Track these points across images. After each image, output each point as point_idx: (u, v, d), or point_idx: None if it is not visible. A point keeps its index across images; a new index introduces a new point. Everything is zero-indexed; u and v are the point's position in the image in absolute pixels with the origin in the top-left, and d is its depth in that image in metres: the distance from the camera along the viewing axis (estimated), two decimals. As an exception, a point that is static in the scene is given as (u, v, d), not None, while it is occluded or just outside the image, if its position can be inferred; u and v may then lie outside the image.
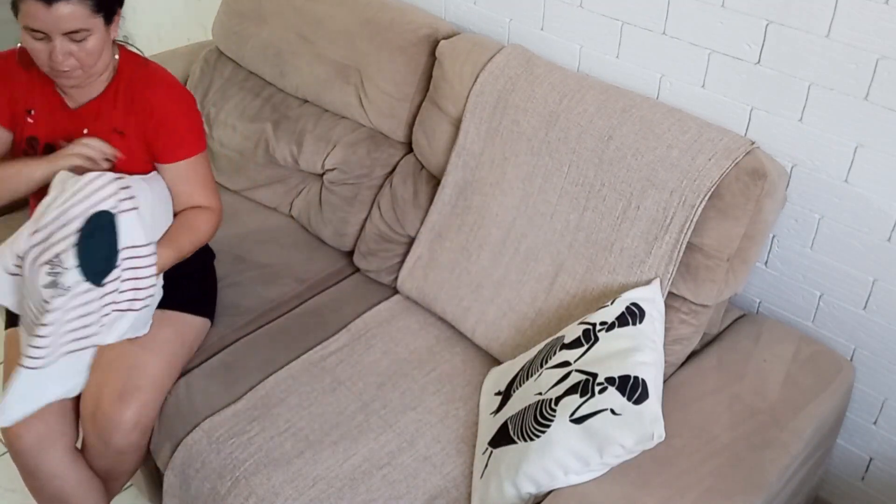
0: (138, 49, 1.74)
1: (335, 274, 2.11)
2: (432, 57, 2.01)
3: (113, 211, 1.55)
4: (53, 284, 1.52)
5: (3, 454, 2.19)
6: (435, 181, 1.99)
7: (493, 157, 1.84)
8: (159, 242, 1.66)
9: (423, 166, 2.04)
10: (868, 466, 1.88)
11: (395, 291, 2.03)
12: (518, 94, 1.80)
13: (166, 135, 1.68)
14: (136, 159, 1.69)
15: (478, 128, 1.86)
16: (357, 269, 2.12)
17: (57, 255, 1.53)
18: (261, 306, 1.97)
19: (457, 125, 1.91)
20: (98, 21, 1.53)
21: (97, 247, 1.54)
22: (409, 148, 2.11)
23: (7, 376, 1.68)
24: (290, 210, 2.25)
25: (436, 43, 2.01)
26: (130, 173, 1.67)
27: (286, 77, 2.27)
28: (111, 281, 1.56)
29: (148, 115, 1.66)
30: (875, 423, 1.83)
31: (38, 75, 1.65)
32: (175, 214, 1.74)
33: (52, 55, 1.52)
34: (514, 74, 1.83)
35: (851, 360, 1.79)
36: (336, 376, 1.78)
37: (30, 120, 1.67)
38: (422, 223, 1.97)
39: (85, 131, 1.67)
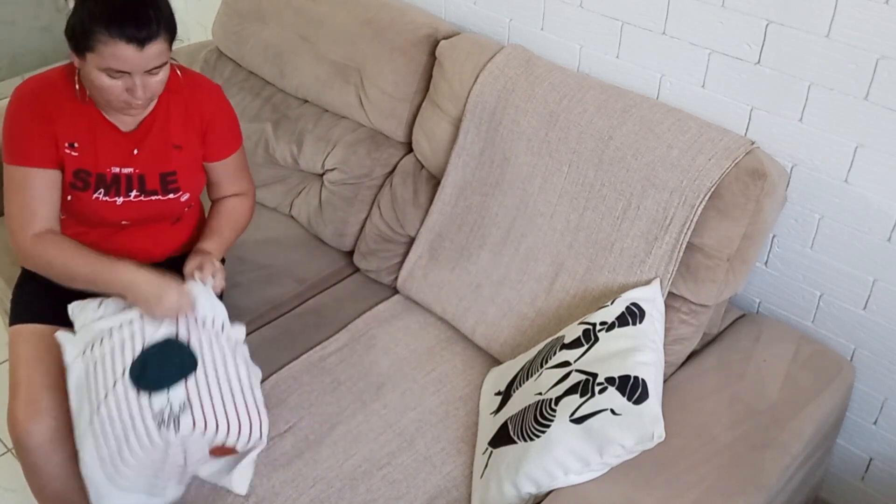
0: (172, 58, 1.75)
1: (335, 274, 2.11)
2: (432, 57, 2.01)
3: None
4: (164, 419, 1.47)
5: (4, 454, 2.19)
6: (435, 181, 1.99)
7: (493, 157, 1.84)
8: (204, 236, 1.71)
9: (423, 166, 2.04)
10: (868, 466, 1.88)
11: (395, 291, 2.03)
12: (518, 94, 1.80)
13: (220, 135, 1.72)
14: (192, 170, 1.70)
15: (478, 128, 1.86)
16: (357, 269, 2.12)
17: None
18: (261, 306, 1.97)
19: (457, 125, 1.91)
20: (170, 51, 1.52)
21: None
22: (409, 148, 2.11)
23: (11, 376, 1.68)
24: (290, 210, 2.25)
25: (436, 43, 2.01)
26: (189, 185, 1.69)
27: (286, 77, 2.27)
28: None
29: (205, 122, 1.69)
30: (875, 423, 1.83)
31: (87, 105, 1.60)
32: (213, 203, 1.80)
33: (131, 91, 1.49)
34: (514, 74, 1.83)
35: (851, 360, 1.79)
36: (336, 376, 1.78)
37: (73, 153, 1.61)
38: (422, 223, 1.97)
39: (135, 152, 1.64)
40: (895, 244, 1.64)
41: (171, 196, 1.68)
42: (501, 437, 1.53)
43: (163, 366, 1.50)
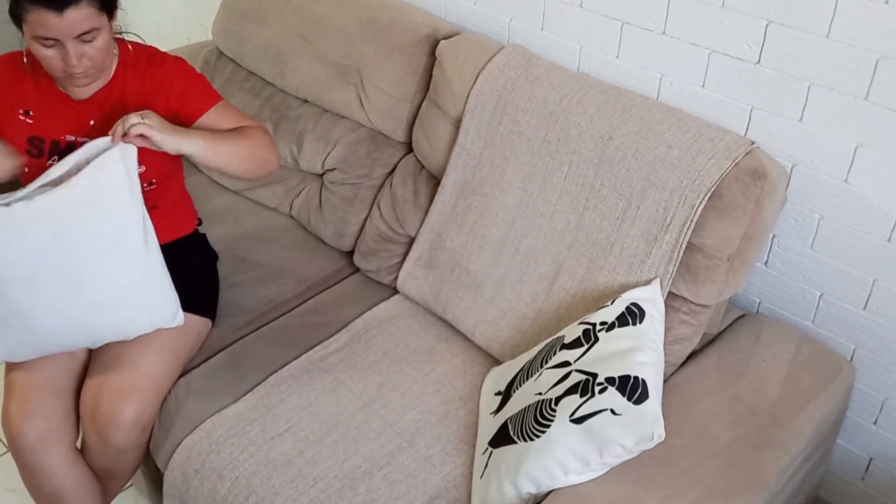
0: (138, 36, 1.76)
1: (335, 274, 2.11)
2: (432, 57, 2.01)
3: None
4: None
5: (4, 454, 2.19)
6: (435, 181, 1.99)
7: (493, 157, 1.84)
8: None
9: (423, 166, 2.04)
10: (868, 466, 1.88)
11: (395, 291, 2.03)
12: (518, 94, 1.80)
13: (190, 97, 1.70)
14: None
15: (478, 128, 1.86)
16: (357, 269, 2.12)
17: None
18: (261, 306, 1.97)
19: (457, 125, 1.91)
20: (104, 18, 1.54)
21: None
22: (409, 148, 2.11)
23: (6, 376, 1.68)
24: (290, 210, 2.25)
25: (436, 43, 2.01)
26: (145, 159, 1.66)
27: (286, 77, 2.27)
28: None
29: (168, 90, 1.68)
30: (875, 423, 1.83)
31: (41, 79, 1.64)
32: None
33: (65, 60, 1.52)
34: (514, 74, 1.83)
35: (851, 360, 1.79)
36: (336, 376, 1.78)
37: (28, 120, 1.66)
38: (422, 223, 1.97)
39: (91, 122, 1.66)
40: (895, 244, 1.64)
41: None
42: (501, 437, 1.53)
43: None
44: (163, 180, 1.75)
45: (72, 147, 1.63)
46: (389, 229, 2.03)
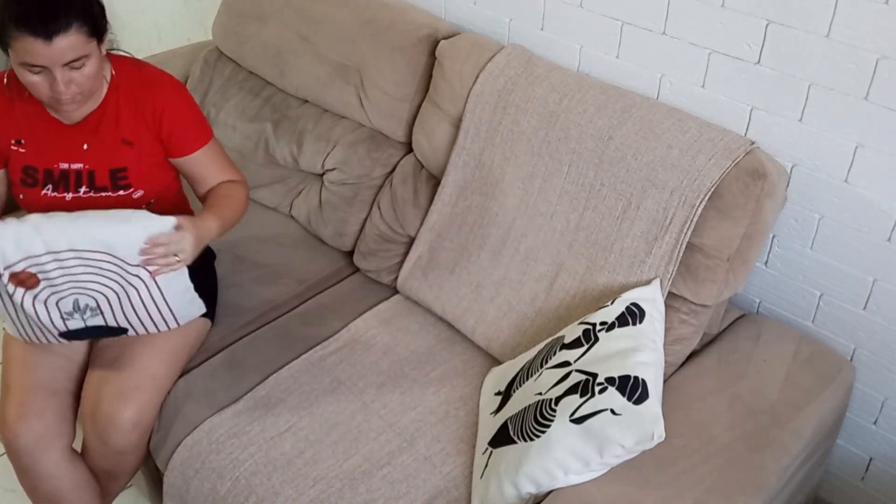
0: (126, 52, 1.73)
1: (335, 274, 2.11)
2: (432, 57, 2.01)
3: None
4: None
5: (3, 455, 2.19)
6: (435, 181, 1.99)
7: (493, 157, 1.84)
8: (204, 211, 1.66)
9: (423, 166, 2.04)
10: (868, 466, 1.88)
11: (395, 291, 2.03)
12: (518, 94, 1.80)
13: (181, 130, 1.69)
14: (147, 166, 1.68)
15: (478, 128, 1.86)
16: (357, 269, 2.12)
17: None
18: (261, 306, 1.97)
19: (457, 125, 1.91)
20: (93, 44, 1.51)
21: None
22: (409, 148, 2.11)
23: (3, 378, 1.68)
24: (290, 210, 2.25)
25: (436, 43, 2.01)
26: (143, 182, 1.67)
27: (286, 77, 2.27)
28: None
29: (159, 118, 1.66)
30: (875, 423, 1.83)
31: (27, 101, 1.61)
32: (206, 195, 1.76)
33: (53, 87, 1.49)
34: (514, 74, 1.83)
35: (851, 360, 1.79)
36: (336, 376, 1.78)
37: (21, 150, 1.63)
38: (422, 223, 1.97)
39: (84, 147, 1.64)
40: (895, 244, 1.64)
41: (121, 192, 1.66)
42: (501, 437, 1.53)
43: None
44: (160, 196, 1.74)
45: (65, 176, 1.63)
46: (389, 229, 2.03)
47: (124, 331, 1.65)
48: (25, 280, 1.50)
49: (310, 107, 2.25)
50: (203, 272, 1.92)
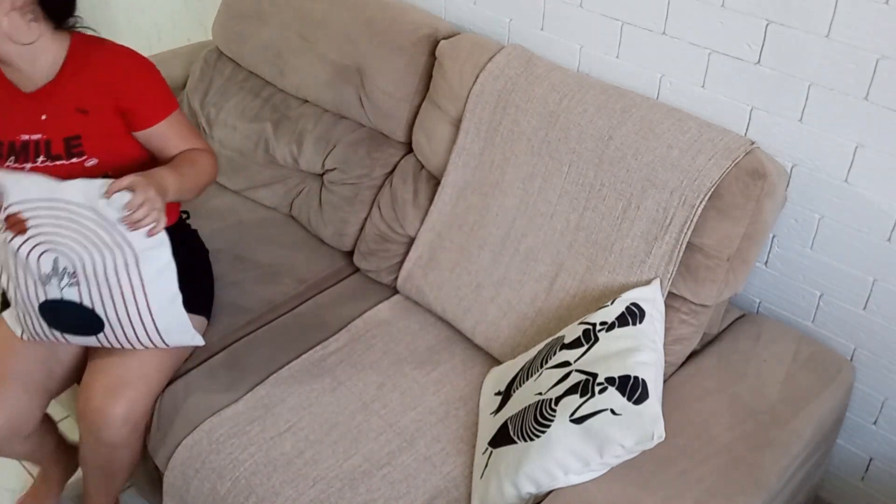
0: (94, 31, 1.73)
1: (335, 274, 2.11)
2: (432, 57, 2.01)
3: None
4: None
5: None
6: (435, 181, 1.99)
7: (493, 157, 1.84)
8: (161, 167, 1.63)
9: (423, 166, 2.04)
10: (868, 466, 1.88)
11: (395, 291, 2.03)
12: (518, 94, 1.80)
13: (143, 102, 1.67)
14: (101, 135, 1.66)
15: (478, 128, 1.86)
16: (357, 269, 2.12)
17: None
18: (261, 306, 1.97)
19: (457, 125, 1.91)
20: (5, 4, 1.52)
21: None
22: (409, 148, 2.11)
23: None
24: (290, 210, 2.25)
25: (436, 43, 2.01)
26: (97, 151, 1.66)
27: (286, 77, 2.27)
28: None
29: (119, 88, 1.65)
30: (875, 423, 1.83)
31: None
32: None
33: None
34: (514, 74, 1.83)
35: (851, 360, 1.79)
36: (336, 376, 1.78)
37: None
38: (422, 223, 1.97)
39: (43, 117, 1.64)
40: (895, 244, 1.64)
41: (74, 160, 1.66)
42: (501, 437, 1.53)
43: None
44: (120, 169, 1.69)
45: (26, 147, 1.64)
46: (389, 229, 2.03)
47: (100, 324, 1.63)
48: (15, 224, 1.54)
49: (310, 107, 2.25)
50: (198, 268, 1.91)
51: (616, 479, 1.45)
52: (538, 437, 1.45)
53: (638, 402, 1.38)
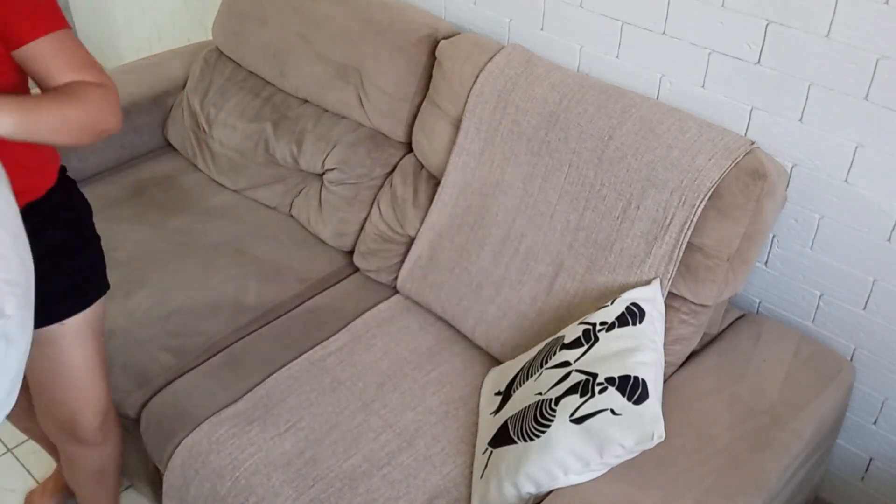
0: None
1: (335, 274, 2.11)
2: (432, 57, 2.01)
3: None
4: None
5: (4, 454, 2.19)
6: (435, 181, 1.99)
7: (493, 157, 1.84)
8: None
9: (423, 166, 2.04)
10: (868, 466, 1.88)
11: (395, 291, 2.03)
12: (518, 94, 1.80)
13: (20, 13, 1.32)
14: None
15: (478, 128, 1.86)
16: (357, 269, 2.12)
17: None
18: (261, 306, 1.97)
19: (457, 125, 1.91)
20: None
21: None
22: (409, 148, 2.11)
23: None
24: (290, 210, 2.25)
25: (436, 43, 2.01)
26: None
27: (286, 77, 2.27)
28: None
29: None
30: (875, 423, 1.83)
31: None
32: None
33: None
34: (514, 74, 1.83)
35: (851, 360, 1.79)
36: (336, 376, 1.78)
37: None
38: (422, 223, 1.97)
39: None
40: (895, 244, 1.64)
41: None
42: (501, 437, 1.53)
43: None
44: None
45: None
46: (389, 229, 2.03)
47: None
48: None
49: (310, 107, 2.25)
50: (82, 241, 1.57)
51: (616, 479, 1.45)
52: (538, 437, 1.45)
53: (638, 402, 1.38)
